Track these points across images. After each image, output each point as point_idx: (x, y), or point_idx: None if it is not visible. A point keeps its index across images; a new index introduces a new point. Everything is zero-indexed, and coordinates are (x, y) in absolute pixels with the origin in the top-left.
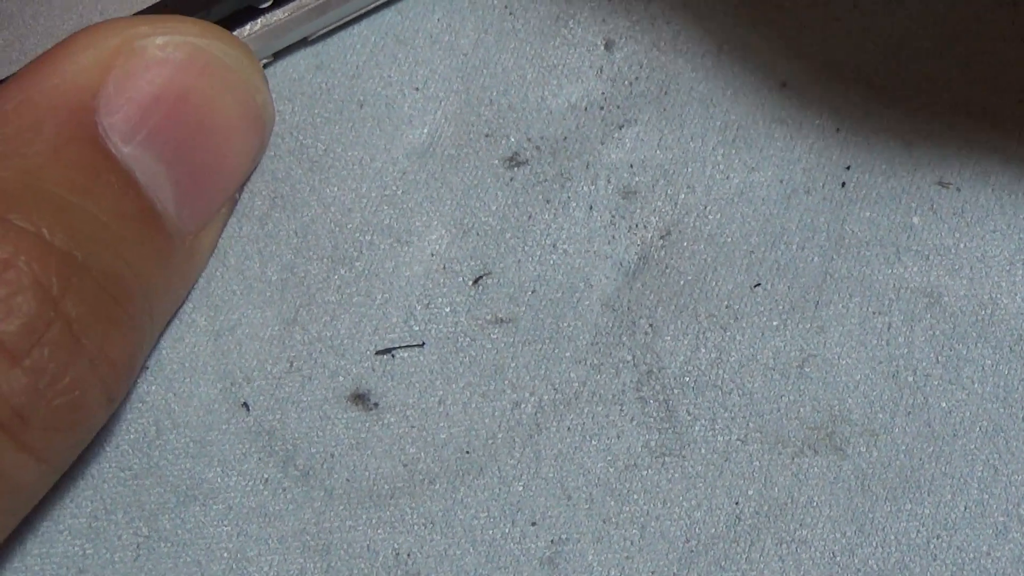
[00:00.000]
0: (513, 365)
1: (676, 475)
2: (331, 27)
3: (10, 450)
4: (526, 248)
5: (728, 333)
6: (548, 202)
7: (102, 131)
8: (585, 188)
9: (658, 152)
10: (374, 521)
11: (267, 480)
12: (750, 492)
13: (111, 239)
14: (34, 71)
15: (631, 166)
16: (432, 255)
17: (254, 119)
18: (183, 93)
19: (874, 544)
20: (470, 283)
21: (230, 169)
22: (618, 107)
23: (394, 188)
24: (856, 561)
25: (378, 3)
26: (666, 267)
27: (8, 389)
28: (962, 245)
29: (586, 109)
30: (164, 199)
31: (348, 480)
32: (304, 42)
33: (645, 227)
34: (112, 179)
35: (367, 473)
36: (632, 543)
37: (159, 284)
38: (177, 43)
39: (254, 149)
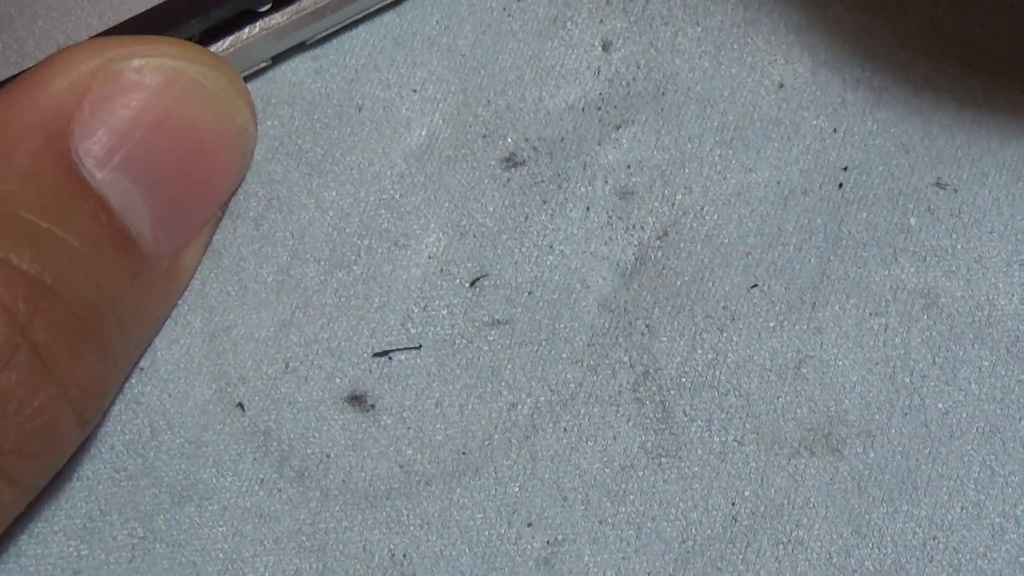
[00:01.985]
0: (510, 367)
1: (672, 476)
2: (330, 31)
3: None
4: (523, 249)
5: (725, 334)
6: (545, 203)
7: (76, 156)
8: (582, 189)
9: (655, 153)
10: (370, 522)
11: (263, 480)
12: (746, 493)
13: (83, 264)
14: (9, 95)
15: (628, 167)
16: (429, 258)
17: (234, 141)
18: (160, 117)
19: (870, 545)
20: (467, 285)
21: (209, 192)
22: (615, 108)
23: (392, 191)
24: (852, 562)
25: (377, 6)
26: (663, 268)
27: None
28: (959, 246)
29: (583, 110)
30: (139, 224)
31: (344, 481)
32: (303, 46)
33: (642, 228)
34: (85, 205)
35: (363, 474)
36: (628, 544)
37: (134, 307)
38: (154, 66)
39: (234, 171)
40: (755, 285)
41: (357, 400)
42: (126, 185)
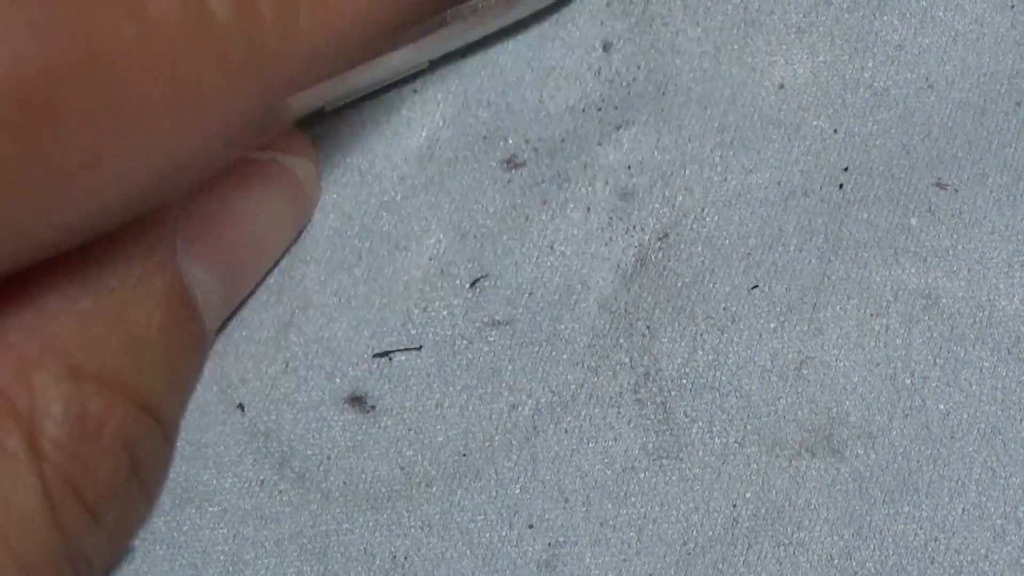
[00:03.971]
0: (510, 368)
1: (673, 477)
2: (350, 99)
3: None
4: (523, 250)
5: (726, 335)
6: (545, 204)
7: (175, 252)
8: (583, 190)
9: (656, 154)
10: (371, 524)
11: (263, 482)
12: (747, 495)
13: (174, 376)
14: None
15: (629, 168)
16: (430, 259)
17: (302, 212)
18: (252, 209)
19: (872, 547)
20: (467, 286)
21: (268, 262)
22: (616, 108)
23: (393, 193)
24: (854, 564)
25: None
26: (664, 269)
27: (91, 548)
28: (960, 247)
29: (584, 110)
30: (212, 316)
31: (345, 483)
32: (320, 113)
33: (643, 229)
34: (184, 310)
35: (364, 476)
36: (630, 546)
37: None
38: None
39: (293, 238)
40: (756, 286)
41: (357, 401)
42: (210, 280)
